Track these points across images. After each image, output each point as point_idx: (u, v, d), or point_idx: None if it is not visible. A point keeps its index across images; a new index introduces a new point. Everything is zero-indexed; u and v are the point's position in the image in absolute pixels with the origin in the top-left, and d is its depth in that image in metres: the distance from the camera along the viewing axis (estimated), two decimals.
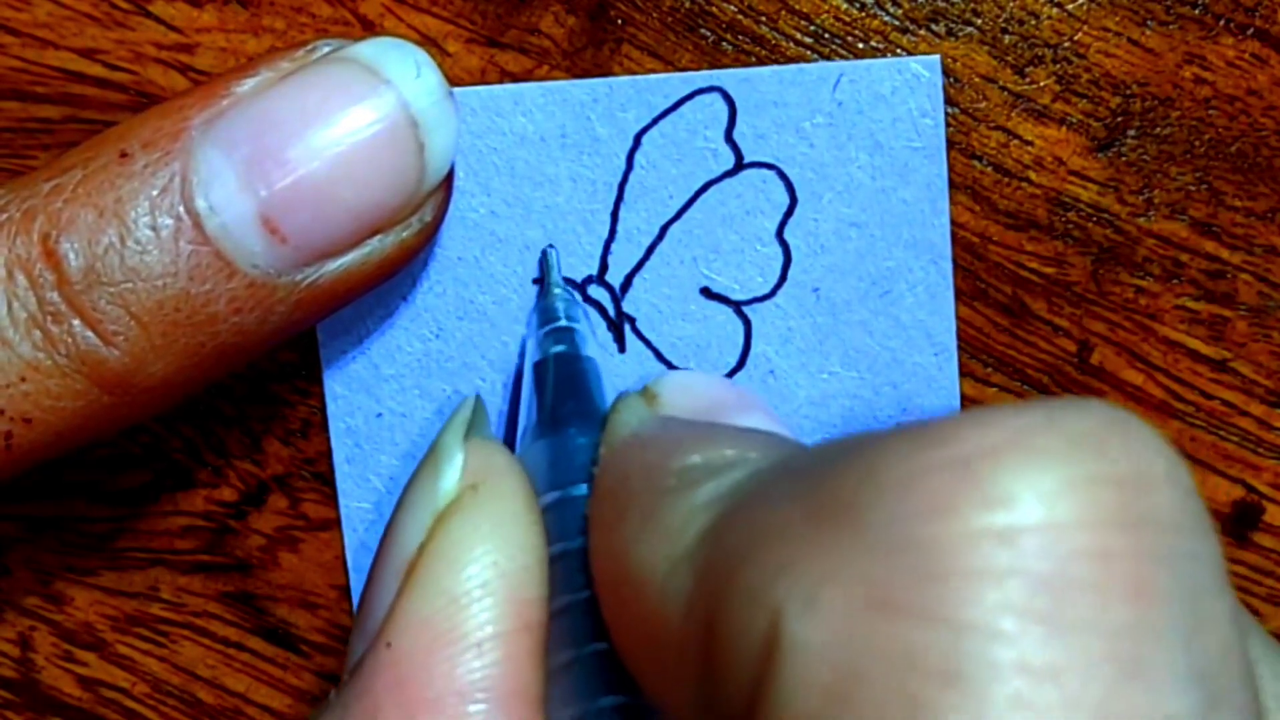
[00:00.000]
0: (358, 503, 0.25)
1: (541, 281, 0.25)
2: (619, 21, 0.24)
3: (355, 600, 0.25)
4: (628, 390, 0.22)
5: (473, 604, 0.19)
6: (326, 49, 0.21)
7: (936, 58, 0.24)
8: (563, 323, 0.24)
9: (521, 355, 0.25)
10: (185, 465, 0.25)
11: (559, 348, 0.23)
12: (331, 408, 0.25)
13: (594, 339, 0.24)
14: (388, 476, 0.25)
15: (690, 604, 0.16)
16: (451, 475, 0.20)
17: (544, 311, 0.24)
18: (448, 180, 0.22)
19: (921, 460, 0.14)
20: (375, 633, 0.19)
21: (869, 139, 0.24)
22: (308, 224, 0.20)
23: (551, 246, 0.25)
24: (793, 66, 0.24)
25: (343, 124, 0.20)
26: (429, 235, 0.22)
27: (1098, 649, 0.13)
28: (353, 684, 0.19)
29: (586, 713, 0.19)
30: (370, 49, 0.21)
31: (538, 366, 0.23)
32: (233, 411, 0.25)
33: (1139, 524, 0.13)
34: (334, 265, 0.21)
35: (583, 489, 0.20)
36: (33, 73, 0.24)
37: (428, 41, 0.24)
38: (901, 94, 0.24)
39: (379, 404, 0.25)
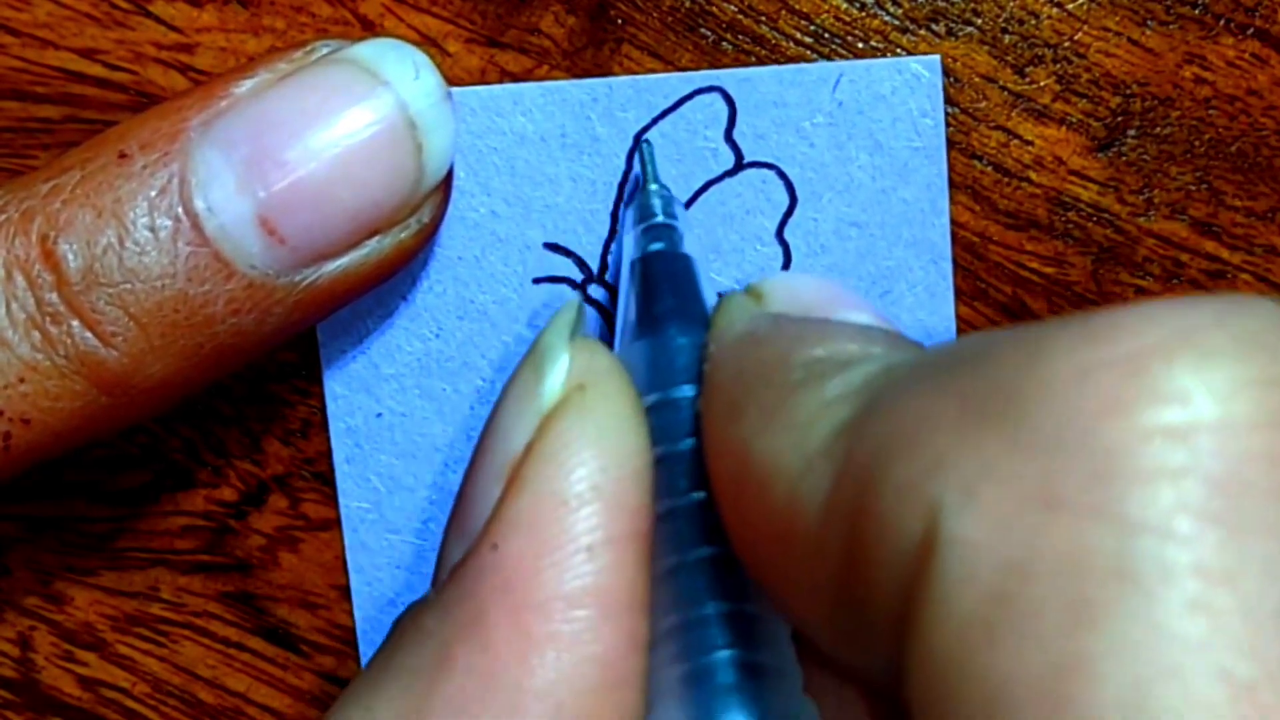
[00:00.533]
0: (358, 502, 0.25)
1: (641, 177, 0.24)
2: (619, 21, 0.24)
3: (355, 600, 0.25)
4: (729, 289, 0.21)
5: (583, 507, 0.18)
6: (325, 50, 0.21)
7: (936, 58, 0.24)
8: (660, 219, 0.23)
9: (619, 251, 0.24)
10: (185, 465, 0.25)
11: (657, 244, 0.22)
12: (331, 408, 0.25)
13: (691, 236, 0.23)
14: (388, 476, 0.25)
15: (829, 501, 0.15)
16: (557, 375, 0.19)
17: (641, 208, 0.23)
18: (446, 181, 0.22)
19: (1089, 355, 0.13)
20: (477, 534, 0.18)
21: (869, 139, 0.24)
22: (306, 225, 0.20)
23: (647, 141, 0.24)
24: (793, 66, 0.24)
25: (341, 125, 0.20)
26: (427, 236, 0.22)
27: (1276, 554, 0.12)
28: (454, 586, 0.18)
29: (690, 619, 0.18)
30: (369, 50, 0.21)
31: (634, 264, 0.22)
32: (232, 411, 0.25)
33: None
34: (332, 266, 0.21)
35: (686, 390, 0.19)
36: (33, 73, 0.24)
37: (427, 41, 0.24)
38: (901, 94, 0.24)
39: (379, 404, 0.25)
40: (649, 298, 0.21)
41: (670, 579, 0.19)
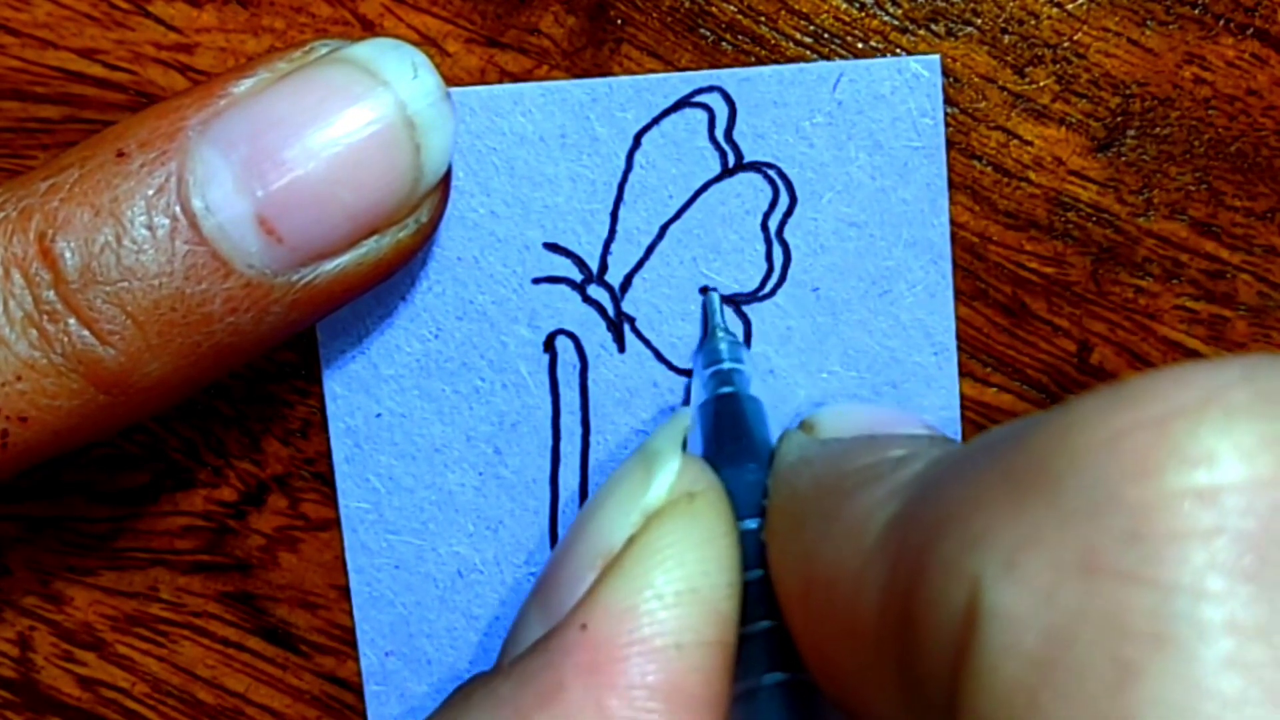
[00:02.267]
0: (357, 503, 0.25)
1: (703, 325, 0.25)
2: (619, 21, 0.24)
3: (355, 600, 0.25)
4: (790, 427, 0.22)
5: (679, 605, 0.19)
6: (324, 50, 0.21)
7: (936, 58, 0.24)
8: (727, 364, 0.24)
9: (686, 396, 0.25)
10: (185, 465, 0.25)
11: (725, 389, 0.23)
12: (331, 408, 0.25)
13: (757, 379, 0.24)
14: (387, 476, 0.25)
15: (886, 591, 0.16)
16: (665, 479, 0.20)
17: (709, 354, 0.24)
18: (445, 181, 0.22)
19: (1118, 421, 0.14)
20: (565, 613, 0.19)
21: (869, 139, 0.24)
22: (304, 224, 0.20)
23: (714, 289, 0.25)
24: (793, 66, 0.24)
25: (340, 125, 0.20)
26: (426, 237, 0.22)
27: None
28: (536, 658, 0.19)
29: None
30: (367, 50, 0.21)
31: (703, 407, 0.23)
32: (232, 411, 0.25)
33: None
34: (330, 266, 0.21)
35: (752, 523, 0.20)
36: (33, 73, 0.24)
37: (427, 41, 0.24)
38: (901, 94, 0.24)
39: (378, 404, 0.25)
40: (717, 438, 0.22)
41: (741, 702, 0.19)
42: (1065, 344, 0.25)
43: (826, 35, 0.24)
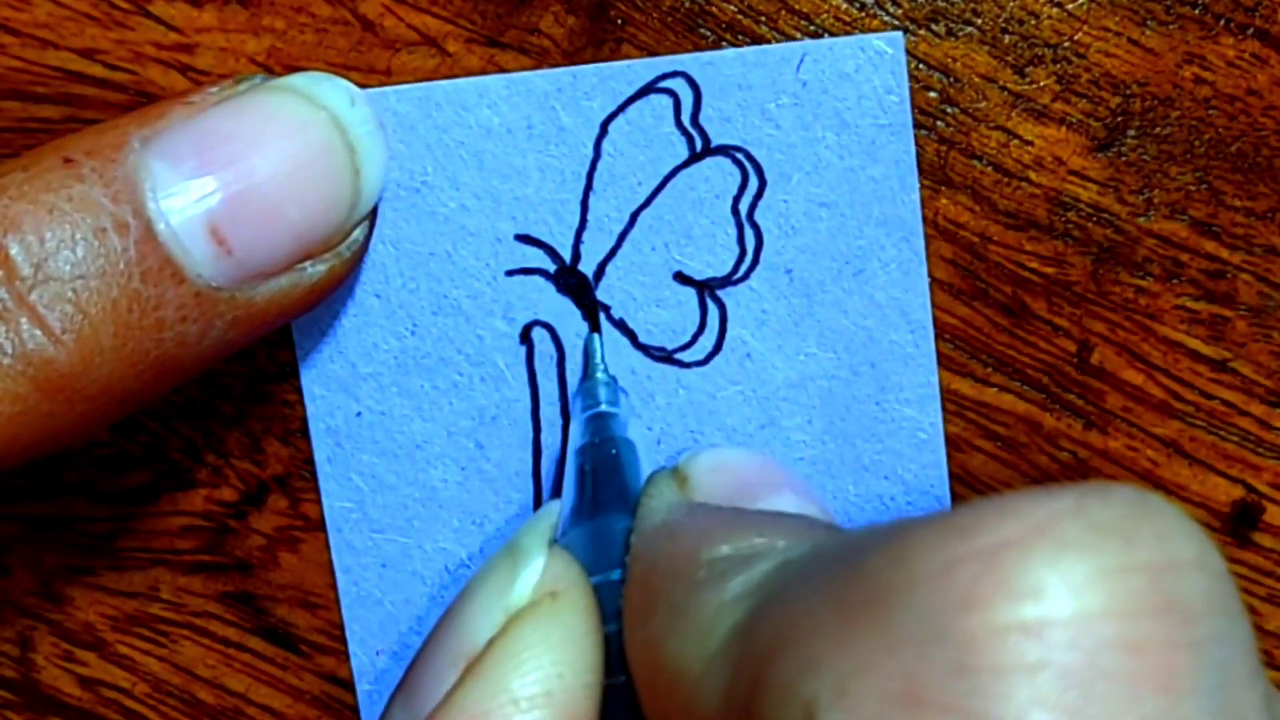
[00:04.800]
0: (341, 502, 0.25)
1: (587, 366, 0.25)
2: (619, 21, 0.24)
3: (343, 600, 0.25)
4: (659, 469, 0.22)
5: (533, 710, 0.19)
6: (258, 80, 0.22)
7: (900, 34, 0.24)
8: (604, 408, 0.24)
9: (563, 440, 0.25)
10: (185, 465, 0.25)
11: (600, 434, 0.23)
12: (311, 408, 0.25)
13: (634, 420, 0.24)
14: (370, 475, 0.25)
15: (726, 699, 0.16)
16: (529, 578, 0.20)
17: (585, 395, 0.24)
18: (373, 215, 0.23)
19: (949, 552, 0.14)
20: (424, 716, 0.19)
21: (835, 118, 0.24)
22: (253, 238, 0.20)
23: (594, 333, 0.25)
24: (756, 48, 0.24)
25: (286, 143, 0.21)
26: (352, 268, 0.22)
27: None
28: None
29: None
30: (303, 80, 0.22)
31: (579, 452, 0.23)
32: (233, 411, 0.25)
33: (1169, 611, 0.13)
34: (268, 286, 0.21)
35: (619, 574, 0.20)
36: (33, 73, 0.24)
37: (427, 42, 0.24)
38: (865, 71, 0.24)
39: (358, 403, 0.25)
40: (591, 485, 0.22)
41: None
42: (1065, 344, 0.25)
43: (827, 35, 0.24)
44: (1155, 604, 0.13)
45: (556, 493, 0.25)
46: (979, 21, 0.24)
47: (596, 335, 0.25)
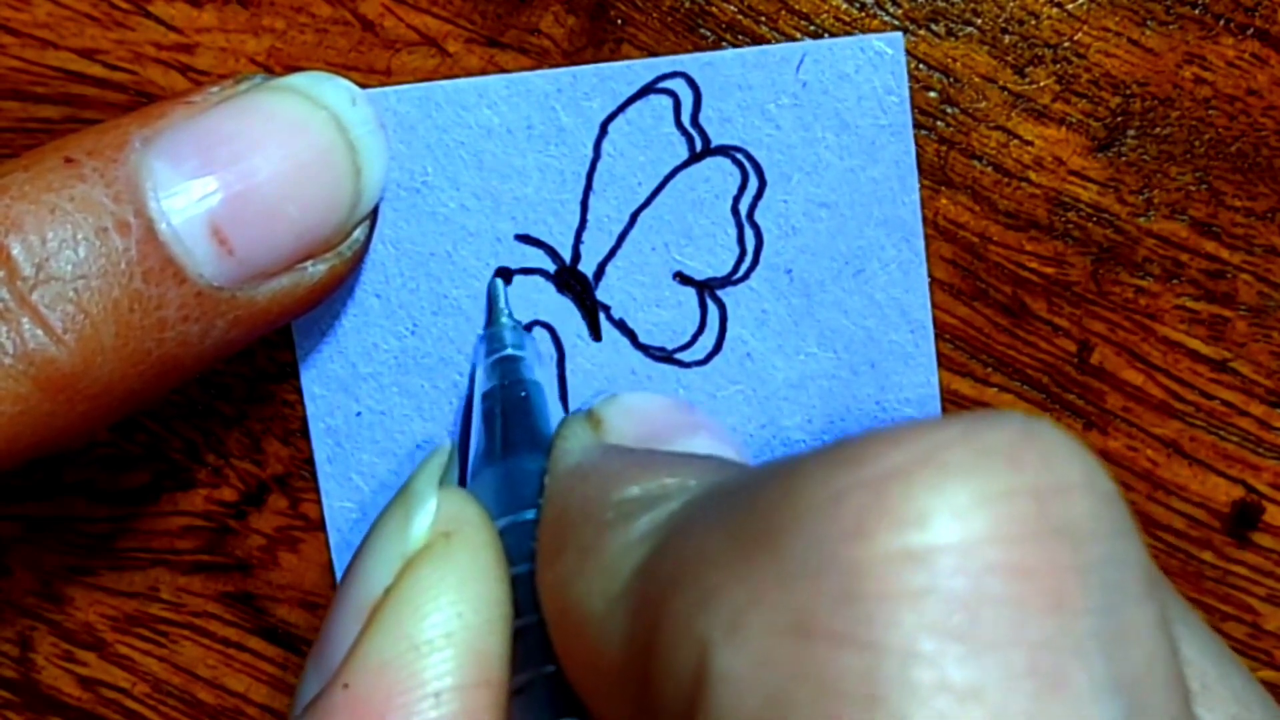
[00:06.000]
0: (341, 502, 0.25)
1: (491, 310, 0.25)
2: (619, 21, 0.24)
3: None
4: (574, 412, 0.22)
5: (434, 653, 0.19)
6: (258, 80, 0.22)
7: (899, 34, 0.24)
8: (509, 351, 0.24)
9: (471, 384, 0.25)
10: (185, 465, 0.25)
11: (508, 377, 0.23)
12: (310, 408, 0.25)
13: (539, 364, 0.24)
14: (370, 475, 0.25)
15: (627, 639, 0.16)
16: (423, 521, 0.20)
17: (490, 340, 0.24)
18: (373, 215, 0.23)
19: (837, 482, 0.14)
20: (333, 671, 0.19)
21: (835, 118, 0.24)
22: (255, 238, 0.20)
23: (497, 277, 0.25)
24: (756, 48, 0.24)
25: (288, 142, 0.21)
26: (352, 268, 0.22)
27: (1018, 664, 0.13)
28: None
29: None
30: (304, 80, 0.22)
31: (486, 395, 0.23)
32: (233, 411, 0.25)
33: (1056, 534, 0.13)
34: (269, 286, 0.21)
35: (531, 514, 0.20)
36: (33, 73, 0.24)
37: (427, 42, 0.24)
38: (865, 72, 0.24)
39: (358, 403, 0.25)
40: (500, 427, 0.22)
41: (523, 695, 0.19)
42: (1065, 344, 0.25)
43: (827, 35, 0.24)
44: (1041, 528, 0.13)
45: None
46: (979, 21, 0.24)
47: (499, 280, 0.25)
